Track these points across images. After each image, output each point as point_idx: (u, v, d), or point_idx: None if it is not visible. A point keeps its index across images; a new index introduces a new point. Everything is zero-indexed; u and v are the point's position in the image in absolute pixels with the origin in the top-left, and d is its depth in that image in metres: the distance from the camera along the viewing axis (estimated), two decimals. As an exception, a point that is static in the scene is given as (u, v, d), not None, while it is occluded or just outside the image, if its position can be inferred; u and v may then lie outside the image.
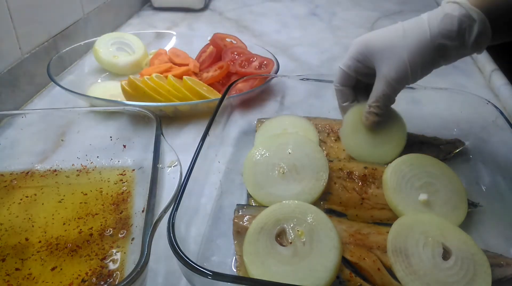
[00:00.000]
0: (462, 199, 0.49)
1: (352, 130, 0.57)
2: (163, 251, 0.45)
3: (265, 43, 1.04)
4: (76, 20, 0.92)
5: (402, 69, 0.49)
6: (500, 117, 0.57)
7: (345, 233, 0.45)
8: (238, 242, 0.45)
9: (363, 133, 0.57)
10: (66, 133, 0.60)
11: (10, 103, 0.72)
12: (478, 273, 0.40)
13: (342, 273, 0.41)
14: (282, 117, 0.65)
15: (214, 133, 0.55)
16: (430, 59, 0.49)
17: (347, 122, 0.58)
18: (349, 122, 0.57)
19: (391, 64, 0.50)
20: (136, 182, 0.54)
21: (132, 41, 0.88)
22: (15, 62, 0.73)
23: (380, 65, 0.51)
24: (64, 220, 0.49)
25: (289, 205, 0.46)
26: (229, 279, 0.36)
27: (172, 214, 0.40)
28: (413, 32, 0.49)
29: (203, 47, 0.89)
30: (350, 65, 0.54)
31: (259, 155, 0.54)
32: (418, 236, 0.43)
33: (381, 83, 0.51)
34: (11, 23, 0.71)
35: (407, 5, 1.31)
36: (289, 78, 0.71)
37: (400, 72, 0.49)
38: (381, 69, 0.51)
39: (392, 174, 0.50)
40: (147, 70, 0.80)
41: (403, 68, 0.49)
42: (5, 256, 0.44)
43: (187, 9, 1.26)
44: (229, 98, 0.63)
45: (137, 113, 0.55)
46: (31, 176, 0.55)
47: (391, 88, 0.51)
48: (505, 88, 0.78)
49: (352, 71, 0.55)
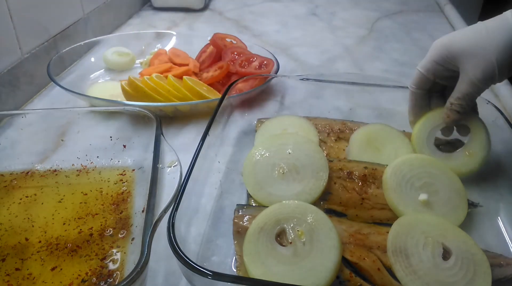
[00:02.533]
0: (462, 199, 0.49)
1: (358, 151, 0.57)
2: (163, 251, 0.45)
3: (265, 43, 1.04)
4: (76, 20, 0.92)
5: (489, 69, 0.49)
6: (500, 117, 0.57)
7: (345, 233, 0.45)
8: (238, 242, 0.45)
9: (369, 154, 0.57)
10: (66, 133, 0.60)
11: (10, 103, 0.72)
12: (478, 273, 0.40)
13: (342, 273, 0.41)
14: (282, 117, 0.65)
15: (214, 133, 0.55)
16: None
17: (354, 142, 0.57)
18: (357, 142, 0.57)
19: (477, 64, 0.49)
20: (136, 182, 0.54)
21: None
22: (15, 62, 0.73)
23: (465, 65, 0.50)
24: (64, 220, 0.49)
25: (289, 205, 0.46)
26: (229, 279, 0.36)
27: (172, 214, 0.40)
28: (499, 30, 0.48)
29: (203, 47, 0.89)
30: (430, 68, 0.54)
31: (259, 155, 0.54)
32: (418, 236, 0.43)
33: (466, 83, 0.50)
34: (11, 23, 0.71)
35: (407, 5, 1.31)
36: (289, 78, 0.71)
37: (487, 72, 0.49)
38: (466, 69, 0.50)
39: (392, 174, 0.50)
40: (147, 70, 0.80)
41: (491, 68, 0.48)
42: (5, 256, 0.44)
43: (187, 9, 1.27)
44: (229, 98, 0.63)
45: (137, 113, 0.55)
46: (31, 176, 0.55)
47: (476, 88, 0.50)
48: (505, 88, 0.78)
49: (431, 74, 0.54)
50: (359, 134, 0.58)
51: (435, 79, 0.55)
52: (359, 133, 0.59)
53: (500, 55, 0.48)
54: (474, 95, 0.51)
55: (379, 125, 0.59)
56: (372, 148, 0.57)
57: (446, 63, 0.52)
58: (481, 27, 0.50)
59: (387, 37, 1.09)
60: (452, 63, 0.52)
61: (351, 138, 0.59)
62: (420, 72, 0.55)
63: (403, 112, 0.59)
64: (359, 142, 0.58)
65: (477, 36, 0.50)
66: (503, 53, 0.48)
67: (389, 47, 1.03)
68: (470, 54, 0.50)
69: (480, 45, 0.49)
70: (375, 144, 0.57)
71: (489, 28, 0.49)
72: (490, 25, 0.50)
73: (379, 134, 0.58)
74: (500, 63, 0.48)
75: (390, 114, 0.67)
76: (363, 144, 0.57)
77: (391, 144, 0.57)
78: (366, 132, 0.58)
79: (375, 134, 0.58)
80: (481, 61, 0.49)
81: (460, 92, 0.52)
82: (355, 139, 0.58)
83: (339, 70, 0.92)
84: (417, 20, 1.19)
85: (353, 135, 0.59)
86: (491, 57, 0.48)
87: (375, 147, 0.57)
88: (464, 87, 0.51)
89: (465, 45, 0.50)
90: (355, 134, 0.59)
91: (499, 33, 0.48)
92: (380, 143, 0.57)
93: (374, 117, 0.67)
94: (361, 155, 0.56)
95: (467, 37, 0.50)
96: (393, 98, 0.66)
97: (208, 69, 0.81)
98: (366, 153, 0.56)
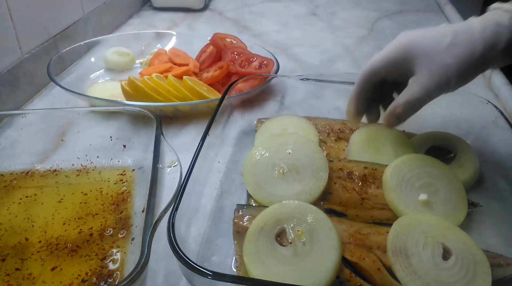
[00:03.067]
0: (462, 199, 0.49)
1: (358, 151, 0.57)
2: (163, 251, 0.45)
3: (265, 43, 1.04)
4: (76, 20, 0.92)
5: (445, 77, 0.46)
6: (500, 117, 0.57)
7: (345, 233, 0.45)
8: (238, 242, 0.45)
9: (369, 154, 0.56)
10: (66, 133, 0.60)
11: (10, 103, 0.72)
12: (478, 273, 0.40)
13: (342, 273, 0.41)
14: (282, 117, 0.65)
15: (214, 133, 0.55)
16: (476, 70, 0.47)
17: (354, 142, 0.57)
18: (357, 142, 0.57)
19: (435, 70, 0.47)
20: (136, 182, 0.54)
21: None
22: (15, 62, 0.73)
23: (421, 69, 0.48)
24: (64, 220, 0.49)
25: (289, 205, 0.46)
26: (229, 279, 0.35)
27: (172, 214, 0.40)
28: (462, 41, 0.46)
29: (203, 47, 0.89)
30: (385, 65, 0.51)
31: (259, 155, 0.54)
32: (418, 236, 0.43)
33: (418, 87, 0.48)
34: (11, 23, 0.71)
35: (407, 5, 1.31)
36: (289, 78, 0.71)
37: (443, 79, 0.47)
38: (422, 73, 0.48)
39: (392, 174, 0.50)
40: (147, 70, 0.80)
41: (447, 76, 0.46)
42: (5, 256, 0.44)
43: (187, 9, 1.27)
44: (229, 98, 0.63)
45: (137, 113, 0.55)
46: (31, 176, 0.55)
47: (429, 95, 0.48)
48: (505, 88, 0.78)
49: (384, 71, 0.52)
50: (359, 134, 0.58)
51: (385, 76, 0.53)
52: (359, 133, 0.58)
53: (460, 66, 0.46)
54: (423, 101, 0.49)
55: (379, 125, 0.59)
56: (372, 148, 0.57)
57: (402, 63, 0.50)
58: (446, 32, 0.48)
59: (387, 37, 1.09)
60: (408, 64, 0.49)
61: (351, 138, 0.59)
62: (372, 67, 0.52)
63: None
64: (359, 142, 0.57)
65: (439, 42, 0.47)
66: (462, 64, 0.46)
67: (389, 47, 1.03)
68: (429, 58, 0.47)
69: (440, 51, 0.47)
70: (375, 144, 0.57)
71: (453, 36, 0.47)
72: (454, 32, 0.47)
73: (379, 134, 0.58)
74: (458, 73, 0.46)
75: (390, 114, 0.66)
76: (363, 144, 0.57)
77: (391, 144, 0.57)
78: (366, 132, 0.58)
79: (375, 134, 0.58)
80: (439, 68, 0.47)
81: (410, 95, 0.49)
82: (355, 140, 0.58)
83: (339, 70, 0.92)
84: (417, 20, 1.19)
85: (353, 135, 0.59)
86: (450, 65, 0.46)
87: (375, 147, 0.57)
88: (416, 91, 0.48)
89: (426, 49, 0.48)
90: (355, 134, 0.59)
91: (462, 42, 0.46)
92: (380, 143, 0.57)
93: (374, 117, 0.67)
94: (361, 155, 0.56)
95: (429, 41, 0.48)
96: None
97: (208, 69, 0.81)
98: (366, 153, 0.56)
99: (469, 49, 0.46)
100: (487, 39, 0.46)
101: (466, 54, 0.46)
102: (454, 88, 0.48)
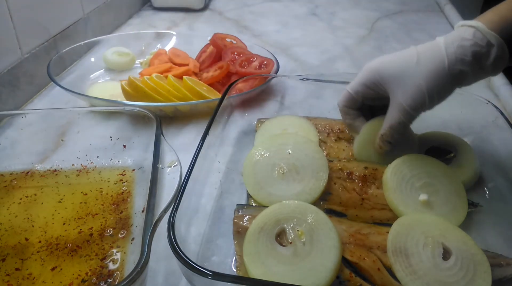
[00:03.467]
0: (462, 199, 0.49)
1: (365, 145, 0.56)
2: (163, 251, 0.45)
3: (265, 43, 1.04)
4: (76, 20, 0.92)
5: (419, 96, 0.47)
6: (500, 117, 0.57)
7: (345, 233, 0.45)
8: (238, 242, 0.45)
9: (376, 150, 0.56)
10: (66, 133, 0.60)
11: (10, 103, 0.72)
12: (478, 273, 0.40)
13: (342, 273, 0.41)
14: (282, 117, 0.65)
15: (214, 133, 0.55)
16: (448, 85, 0.48)
17: (363, 135, 0.57)
18: (365, 134, 0.57)
19: (408, 91, 0.48)
20: (136, 182, 0.54)
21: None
22: (15, 62, 0.73)
23: (395, 92, 0.49)
24: (64, 220, 0.49)
25: (289, 205, 0.46)
26: (229, 279, 0.35)
27: (172, 214, 0.40)
28: (429, 58, 0.48)
29: (203, 47, 0.89)
30: (359, 91, 0.53)
31: (259, 155, 0.54)
32: (418, 236, 0.43)
33: (397, 111, 0.49)
34: (11, 23, 0.71)
35: (407, 5, 1.31)
36: (289, 78, 0.71)
37: (417, 99, 0.48)
38: (396, 96, 0.49)
39: (392, 175, 0.50)
40: (147, 70, 0.80)
41: (420, 95, 0.47)
42: (5, 256, 0.44)
43: (187, 9, 1.27)
44: (229, 98, 0.63)
45: (137, 113, 0.55)
46: (31, 176, 0.55)
47: (408, 116, 0.49)
48: (505, 88, 0.78)
49: (360, 96, 0.54)
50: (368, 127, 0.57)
51: (364, 101, 0.54)
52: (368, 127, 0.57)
53: (430, 82, 0.47)
54: (406, 123, 0.50)
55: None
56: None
57: (376, 88, 0.52)
58: (413, 53, 0.49)
59: (387, 37, 1.09)
60: (382, 88, 0.51)
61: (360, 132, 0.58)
62: (349, 93, 0.54)
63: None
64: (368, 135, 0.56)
65: (408, 62, 0.49)
66: (432, 81, 0.47)
67: (389, 47, 1.03)
68: (400, 80, 0.48)
69: (410, 72, 0.48)
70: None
71: (420, 55, 0.48)
72: (421, 51, 0.49)
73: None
74: (430, 90, 0.47)
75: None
76: (372, 138, 0.56)
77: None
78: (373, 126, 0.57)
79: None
80: (411, 88, 0.48)
81: (392, 120, 0.50)
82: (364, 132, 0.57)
83: (339, 70, 0.92)
84: (417, 20, 1.19)
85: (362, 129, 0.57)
86: (421, 84, 0.47)
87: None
88: (395, 114, 0.50)
89: (396, 71, 0.49)
90: (364, 127, 0.57)
91: (430, 60, 0.47)
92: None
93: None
94: (369, 150, 0.56)
95: (399, 63, 0.49)
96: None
97: (208, 69, 0.81)
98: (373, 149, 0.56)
99: (436, 65, 0.47)
100: (453, 54, 0.47)
101: (434, 70, 0.47)
102: (431, 105, 0.49)
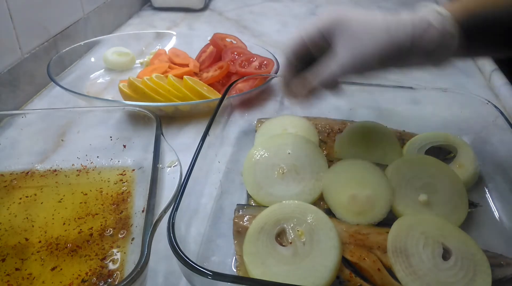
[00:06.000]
0: (462, 199, 0.49)
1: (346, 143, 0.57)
2: (163, 251, 0.45)
3: (265, 43, 1.04)
4: (76, 20, 0.92)
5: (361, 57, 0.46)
6: (500, 117, 0.57)
7: (345, 233, 0.45)
8: (238, 242, 0.45)
9: (358, 147, 0.57)
10: (66, 133, 0.60)
11: (10, 103, 0.72)
12: (478, 273, 0.40)
13: (342, 273, 0.41)
14: (282, 117, 0.65)
15: (214, 133, 0.55)
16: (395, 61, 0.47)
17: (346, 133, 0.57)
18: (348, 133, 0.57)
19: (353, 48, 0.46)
20: (136, 182, 0.54)
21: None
22: (15, 62, 0.73)
23: (344, 46, 0.47)
24: (64, 220, 0.49)
25: (289, 205, 0.46)
26: (229, 279, 0.35)
27: (172, 214, 0.40)
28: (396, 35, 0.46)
29: (203, 47, 0.89)
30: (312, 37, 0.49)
31: (259, 155, 0.54)
32: (418, 236, 0.43)
33: (334, 63, 0.47)
34: (11, 23, 0.71)
35: (407, 5, 1.31)
36: (289, 78, 0.71)
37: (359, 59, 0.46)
38: (343, 51, 0.47)
39: (392, 175, 0.50)
40: (147, 70, 0.80)
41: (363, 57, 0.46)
42: (5, 256, 0.44)
43: (187, 9, 1.27)
44: (229, 98, 0.63)
45: (137, 113, 0.55)
46: (31, 176, 0.55)
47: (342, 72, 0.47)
48: (505, 88, 0.78)
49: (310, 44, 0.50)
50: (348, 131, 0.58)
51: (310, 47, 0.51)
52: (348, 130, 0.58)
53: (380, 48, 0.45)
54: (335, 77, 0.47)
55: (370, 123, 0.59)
56: (360, 146, 0.57)
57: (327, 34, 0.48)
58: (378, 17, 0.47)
59: (387, 37, 1.09)
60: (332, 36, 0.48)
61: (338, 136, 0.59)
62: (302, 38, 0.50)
63: (403, 112, 0.59)
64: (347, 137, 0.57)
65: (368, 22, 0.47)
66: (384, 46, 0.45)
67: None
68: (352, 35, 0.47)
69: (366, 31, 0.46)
70: (365, 142, 0.57)
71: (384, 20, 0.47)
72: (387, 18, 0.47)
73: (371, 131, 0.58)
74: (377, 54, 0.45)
75: (390, 114, 0.67)
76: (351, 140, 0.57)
77: (381, 142, 0.57)
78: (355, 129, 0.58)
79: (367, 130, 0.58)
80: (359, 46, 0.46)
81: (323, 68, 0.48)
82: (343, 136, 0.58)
83: (339, 70, 0.92)
84: (417, 20, 1.19)
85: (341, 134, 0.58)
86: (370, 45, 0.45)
87: (364, 144, 0.57)
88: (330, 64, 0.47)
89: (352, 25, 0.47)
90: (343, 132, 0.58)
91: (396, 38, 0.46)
92: (370, 141, 0.57)
93: (374, 117, 0.67)
94: (351, 146, 0.57)
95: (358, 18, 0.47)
96: (393, 98, 0.66)
97: (208, 69, 0.81)
98: (353, 148, 0.57)
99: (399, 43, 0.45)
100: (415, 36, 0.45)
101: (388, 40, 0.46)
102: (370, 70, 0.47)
